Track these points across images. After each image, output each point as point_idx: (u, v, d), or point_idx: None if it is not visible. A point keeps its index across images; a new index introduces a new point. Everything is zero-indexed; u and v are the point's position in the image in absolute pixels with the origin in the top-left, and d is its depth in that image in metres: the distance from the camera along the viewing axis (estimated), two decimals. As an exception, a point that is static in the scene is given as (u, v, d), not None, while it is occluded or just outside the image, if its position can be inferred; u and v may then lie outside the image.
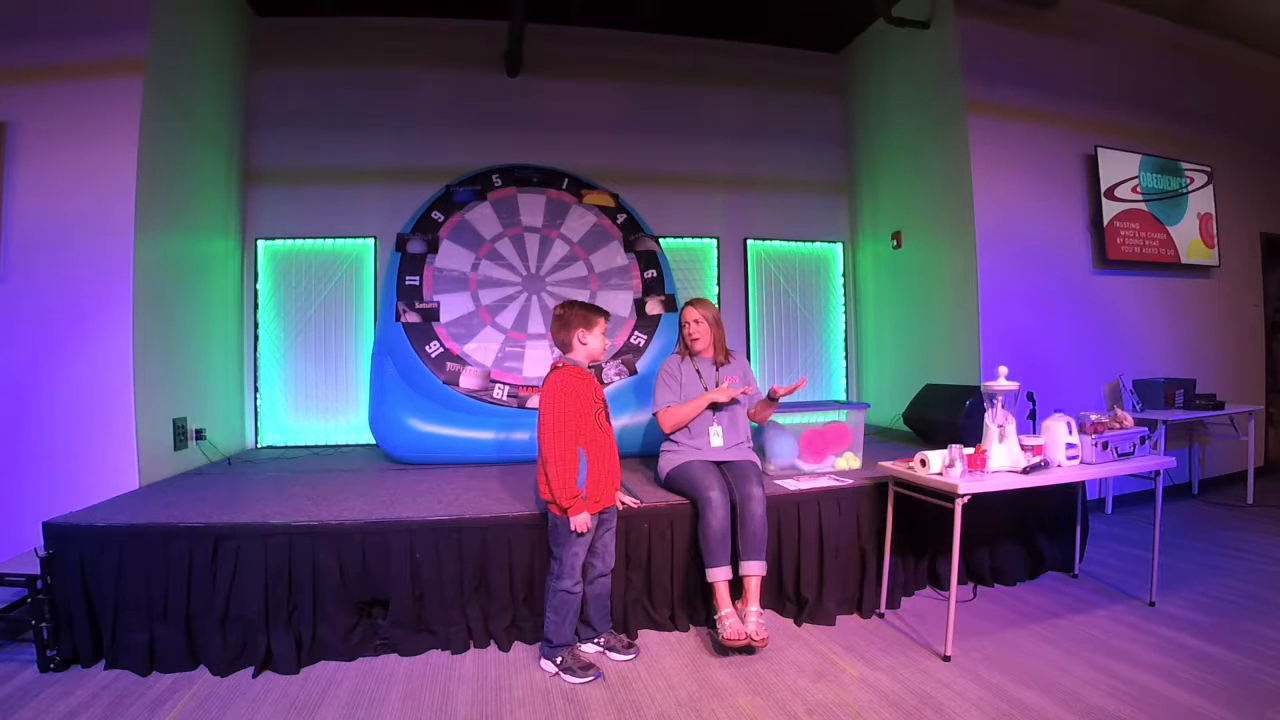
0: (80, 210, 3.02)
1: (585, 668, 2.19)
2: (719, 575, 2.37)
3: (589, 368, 2.40)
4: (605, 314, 2.42)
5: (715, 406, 2.71)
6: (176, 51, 3.42)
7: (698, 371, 2.77)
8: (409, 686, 2.14)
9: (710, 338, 2.80)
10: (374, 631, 2.38)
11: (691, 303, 2.84)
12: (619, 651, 2.33)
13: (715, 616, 2.35)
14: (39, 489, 2.89)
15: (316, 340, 4.44)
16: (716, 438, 2.72)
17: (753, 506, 2.44)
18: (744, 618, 2.34)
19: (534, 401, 3.65)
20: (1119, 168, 4.33)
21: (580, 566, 2.25)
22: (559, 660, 2.21)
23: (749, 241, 5.07)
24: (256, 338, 4.37)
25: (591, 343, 2.35)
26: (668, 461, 2.74)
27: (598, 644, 2.37)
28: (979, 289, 3.95)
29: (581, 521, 2.18)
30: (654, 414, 2.76)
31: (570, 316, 2.35)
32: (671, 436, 2.76)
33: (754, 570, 2.40)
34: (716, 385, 2.73)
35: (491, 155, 4.48)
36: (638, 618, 2.53)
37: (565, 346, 2.37)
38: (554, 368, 2.32)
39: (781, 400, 2.77)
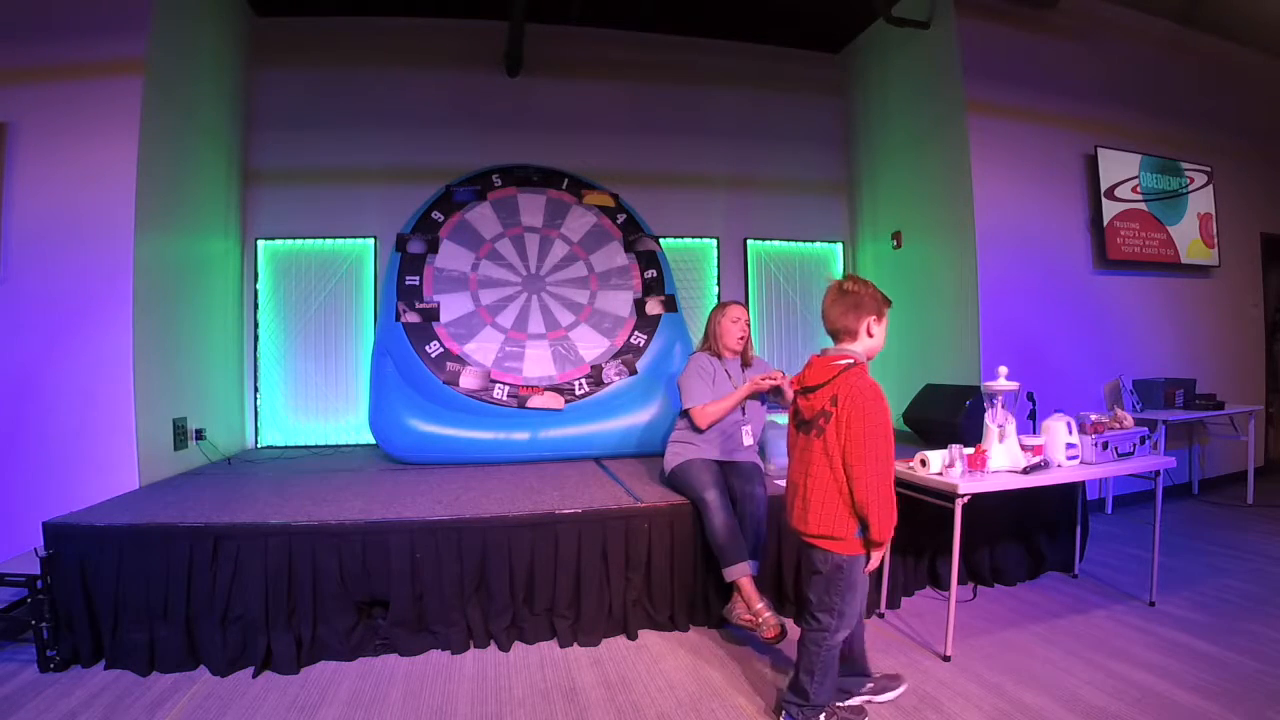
0: (80, 210, 3.02)
1: (857, 711, 1.90)
2: (737, 573, 2.33)
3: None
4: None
5: (751, 398, 2.72)
6: (176, 51, 3.42)
7: (727, 373, 2.78)
8: (409, 686, 2.13)
9: (749, 338, 2.86)
10: (374, 631, 2.38)
11: (735, 303, 2.88)
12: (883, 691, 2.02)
13: (750, 616, 2.29)
14: (39, 489, 2.89)
15: (316, 340, 4.44)
16: (748, 437, 2.74)
17: (754, 507, 2.44)
18: (757, 618, 2.29)
19: (535, 401, 3.65)
20: (1119, 168, 4.33)
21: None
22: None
23: (749, 241, 5.07)
24: (256, 338, 4.37)
25: (878, 335, 1.83)
26: (673, 456, 2.74)
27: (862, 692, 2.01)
28: (979, 289, 3.95)
29: (881, 555, 1.81)
30: (685, 410, 2.71)
31: (866, 298, 1.80)
32: (679, 429, 2.78)
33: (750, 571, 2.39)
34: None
35: (491, 155, 4.48)
36: (638, 618, 2.52)
37: (849, 335, 1.81)
38: (844, 365, 1.76)
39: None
